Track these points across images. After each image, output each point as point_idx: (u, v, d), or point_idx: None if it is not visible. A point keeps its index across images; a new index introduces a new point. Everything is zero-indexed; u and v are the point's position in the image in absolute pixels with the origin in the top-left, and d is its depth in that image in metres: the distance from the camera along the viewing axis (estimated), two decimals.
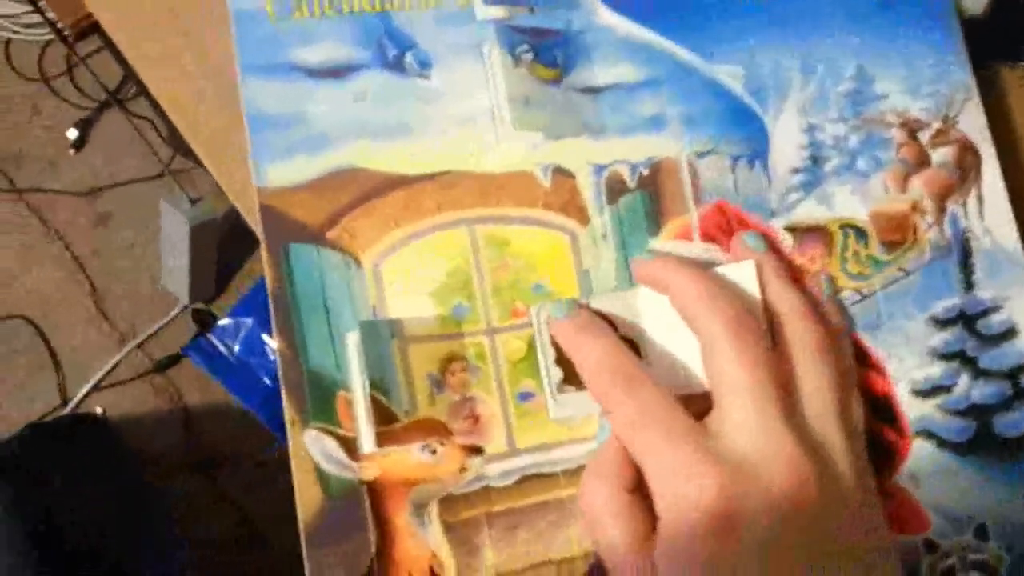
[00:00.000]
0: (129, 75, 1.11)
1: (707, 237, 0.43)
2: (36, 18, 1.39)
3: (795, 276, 0.43)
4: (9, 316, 1.38)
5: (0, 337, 1.38)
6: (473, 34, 0.43)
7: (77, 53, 0.89)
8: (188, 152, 1.22)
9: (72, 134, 1.41)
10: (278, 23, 0.41)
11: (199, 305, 1.37)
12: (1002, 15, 0.49)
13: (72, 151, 1.42)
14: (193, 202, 1.20)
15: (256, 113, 0.40)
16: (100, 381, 1.37)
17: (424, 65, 0.42)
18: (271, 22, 0.41)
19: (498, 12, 0.43)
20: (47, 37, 1.41)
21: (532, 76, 0.42)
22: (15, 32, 1.42)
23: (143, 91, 1.12)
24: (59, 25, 0.84)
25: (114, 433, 1.35)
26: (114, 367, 1.37)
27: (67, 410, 1.36)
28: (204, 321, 1.37)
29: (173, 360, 1.38)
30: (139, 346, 1.38)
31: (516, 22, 0.43)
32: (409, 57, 0.42)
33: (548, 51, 0.43)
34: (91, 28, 0.82)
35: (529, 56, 0.42)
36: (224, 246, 1.33)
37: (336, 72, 0.41)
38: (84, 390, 1.37)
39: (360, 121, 0.41)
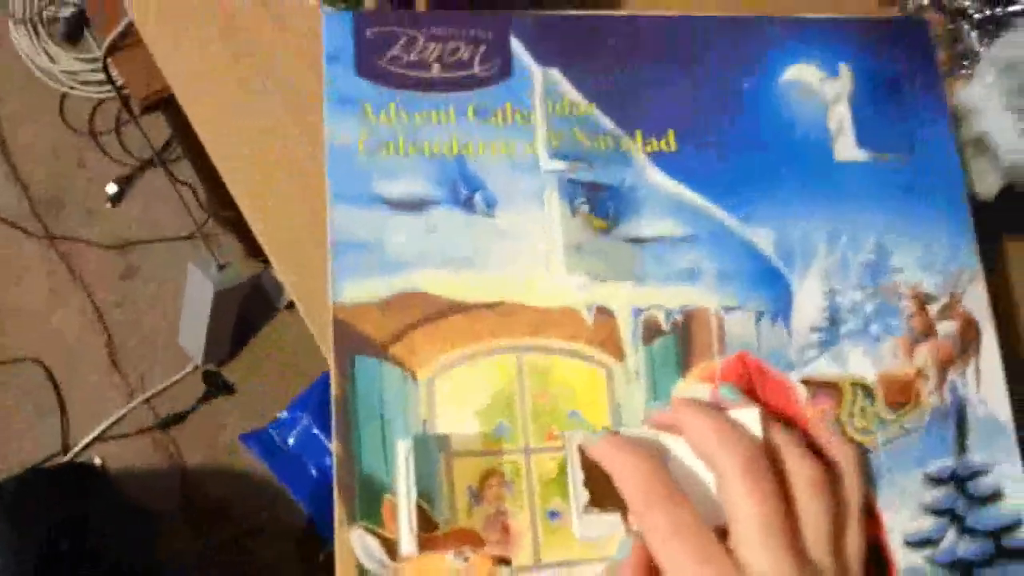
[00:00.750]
0: (180, 141, 1.17)
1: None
2: (93, 76, 1.47)
3: (803, 425, 0.47)
4: (24, 358, 1.41)
5: (12, 377, 1.40)
6: (536, 182, 0.48)
7: (132, 114, 0.95)
8: (222, 221, 1.27)
9: (111, 189, 1.47)
10: (367, 158, 0.46)
11: (211, 367, 1.40)
12: (1013, 199, 0.54)
13: (109, 205, 1.48)
14: (221, 267, 1.25)
15: (340, 236, 0.45)
16: (103, 432, 1.39)
17: (491, 205, 0.47)
18: (361, 157, 0.46)
19: (560, 165, 0.48)
20: (101, 95, 1.48)
21: (586, 225, 0.47)
22: (72, 88, 1.49)
23: (187, 157, 1.17)
24: (120, 86, 0.90)
25: (112, 485, 1.37)
26: (119, 419, 1.40)
27: (67, 457, 1.38)
28: (214, 383, 1.40)
29: (178, 418, 1.40)
30: (146, 401, 1.41)
31: (576, 175, 0.48)
32: (478, 197, 0.47)
33: (603, 204, 0.48)
34: (156, 104, 0.87)
35: (585, 208, 0.47)
36: (242, 311, 1.37)
37: (413, 205, 0.46)
38: (86, 440, 1.39)
39: (430, 251, 0.46)
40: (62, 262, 1.45)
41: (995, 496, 0.48)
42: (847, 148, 0.51)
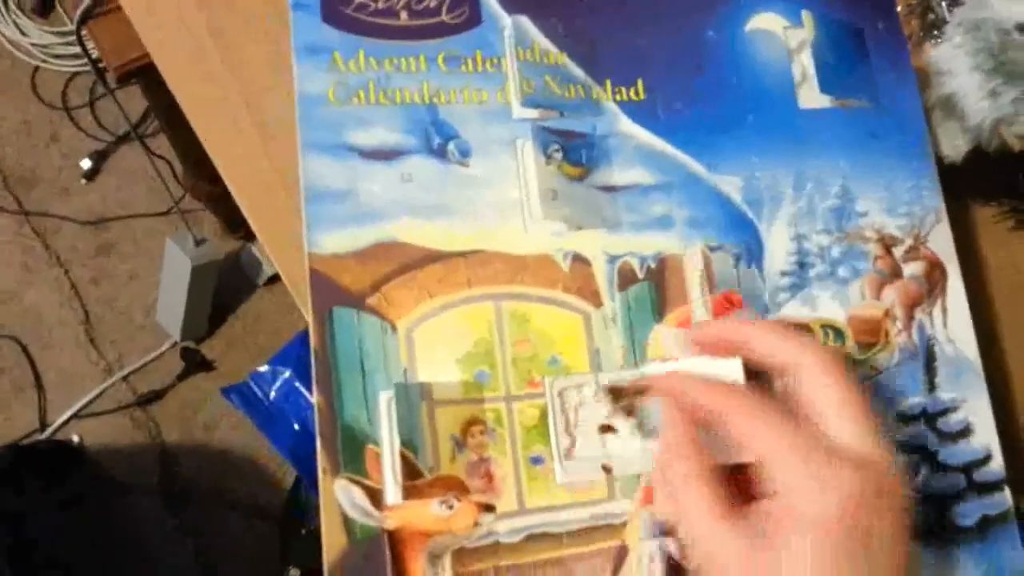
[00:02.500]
0: (157, 114, 1.16)
1: None
2: (66, 50, 1.44)
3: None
4: None
5: None
6: (510, 130, 0.48)
7: (108, 86, 0.93)
8: (201, 195, 1.26)
9: (86, 164, 1.45)
10: (338, 107, 0.46)
11: (189, 344, 1.40)
12: (979, 162, 0.55)
13: (84, 181, 1.46)
14: (198, 243, 1.24)
15: (313, 186, 0.45)
16: (81, 409, 1.39)
17: (464, 154, 0.47)
18: (332, 106, 0.46)
19: (532, 113, 0.48)
20: (74, 69, 1.46)
21: (560, 172, 0.48)
22: (44, 61, 1.47)
23: (164, 130, 1.16)
24: (96, 58, 0.88)
25: (90, 462, 1.36)
26: (97, 396, 1.39)
27: (44, 435, 1.37)
28: (192, 360, 1.39)
29: (157, 395, 1.40)
30: (124, 378, 1.40)
31: (548, 123, 0.48)
32: (451, 146, 0.47)
33: (575, 151, 0.48)
34: (133, 73, 0.86)
35: (559, 155, 0.48)
36: (221, 288, 1.37)
37: (386, 155, 0.46)
38: (64, 416, 1.38)
39: (405, 200, 0.46)
40: (37, 239, 1.43)
41: (965, 431, 0.49)
42: (811, 95, 0.52)
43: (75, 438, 1.39)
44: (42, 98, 1.49)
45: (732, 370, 0.43)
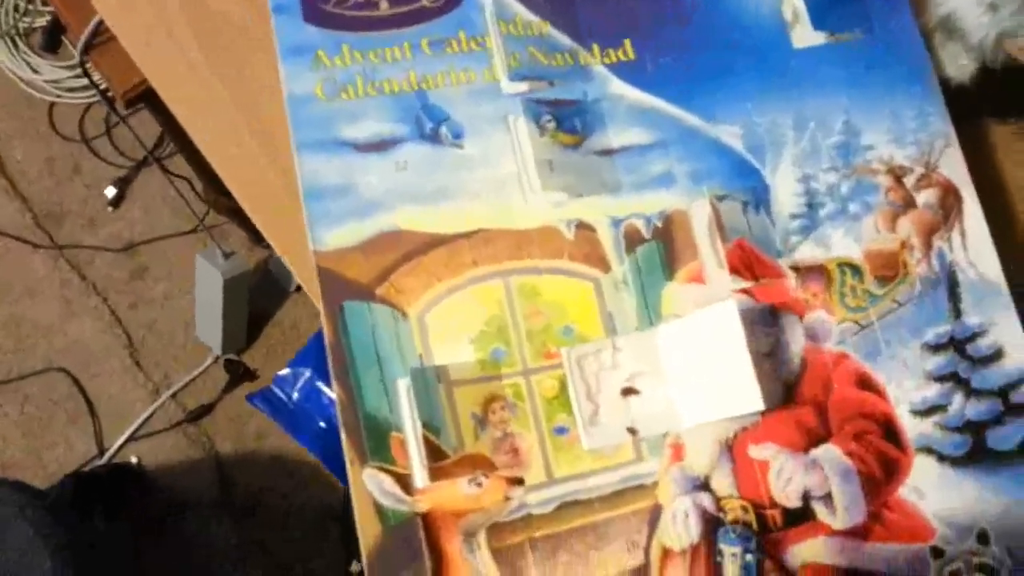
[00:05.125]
0: (170, 135, 1.18)
1: (733, 270, 0.48)
2: (77, 82, 1.47)
3: (799, 309, 0.47)
4: (49, 368, 1.43)
5: (40, 388, 1.43)
6: (500, 107, 0.48)
7: (119, 113, 0.95)
8: (223, 209, 1.27)
9: (110, 192, 1.48)
10: (327, 104, 0.46)
11: (231, 356, 1.42)
12: (990, 80, 0.54)
13: (110, 208, 1.49)
14: (227, 256, 1.25)
15: (310, 184, 0.45)
16: (135, 431, 1.42)
17: (457, 136, 0.47)
18: (321, 103, 0.46)
19: (522, 87, 0.48)
20: (88, 100, 1.48)
21: (555, 142, 0.48)
22: (58, 96, 1.50)
23: (180, 150, 1.18)
24: (103, 87, 0.90)
25: (150, 482, 1.40)
26: (149, 417, 1.42)
27: (103, 460, 1.41)
28: (235, 371, 1.42)
29: (206, 410, 1.42)
30: (173, 396, 1.43)
31: (538, 95, 0.48)
32: (444, 129, 0.47)
33: (568, 119, 0.48)
34: (139, 97, 0.87)
35: (551, 125, 0.48)
36: (254, 298, 1.38)
37: (380, 145, 0.46)
38: (120, 441, 1.41)
39: (403, 188, 0.46)
40: (72, 271, 1.46)
41: (997, 355, 0.48)
42: (805, 34, 0.51)
43: (133, 460, 1.42)
44: (60, 132, 1.52)
45: (727, 312, 0.42)
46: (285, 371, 0.96)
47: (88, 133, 1.51)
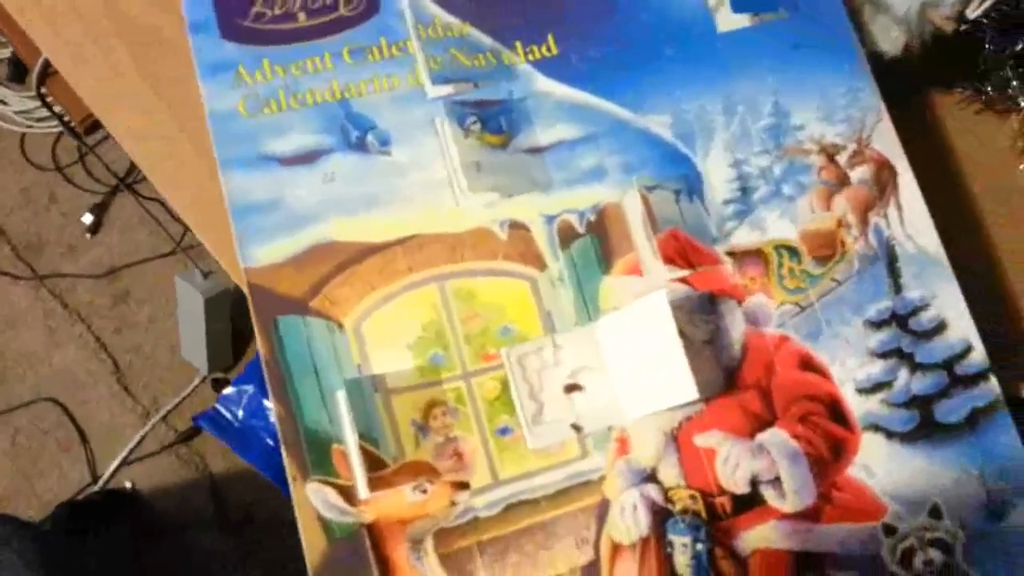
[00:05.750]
0: None
1: (668, 260, 0.47)
2: (46, 112, 1.47)
3: (737, 294, 0.47)
4: (37, 399, 1.43)
5: (29, 419, 1.43)
6: (427, 111, 0.48)
7: (86, 143, 0.95)
8: None
9: (87, 219, 1.48)
10: (250, 120, 0.46)
11: (218, 375, 1.42)
12: (930, 51, 0.53)
13: (88, 235, 1.49)
14: (206, 275, 1.26)
15: (238, 202, 0.45)
16: (128, 456, 1.42)
17: (385, 143, 0.47)
18: (244, 119, 0.46)
19: (446, 90, 0.48)
20: (58, 129, 1.49)
21: (481, 143, 0.47)
22: (29, 127, 1.50)
23: None
24: (67, 118, 0.90)
25: (146, 505, 1.40)
26: (140, 441, 1.42)
27: (97, 486, 1.41)
28: (223, 389, 1.42)
29: (197, 430, 1.42)
30: (163, 419, 1.43)
31: (462, 97, 0.48)
32: (371, 137, 0.47)
33: (493, 119, 0.48)
34: (98, 122, 0.87)
35: (477, 126, 0.47)
36: (236, 316, 1.38)
37: (306, 158, 0.46)
38: (113, 466, 1.41)
39: (332, 199, 0.46)
40: (55, 300, 1.47)
41: (939, 327, 0.48)
42: (728, 17, 0.51)
43: (128, 484, 1.43)
44: (34, 162, 1.52)
45: (657, 302, 0.42)
46: (230, 390, 0.96)
47: (61, 161, 1.51)
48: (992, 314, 0.50)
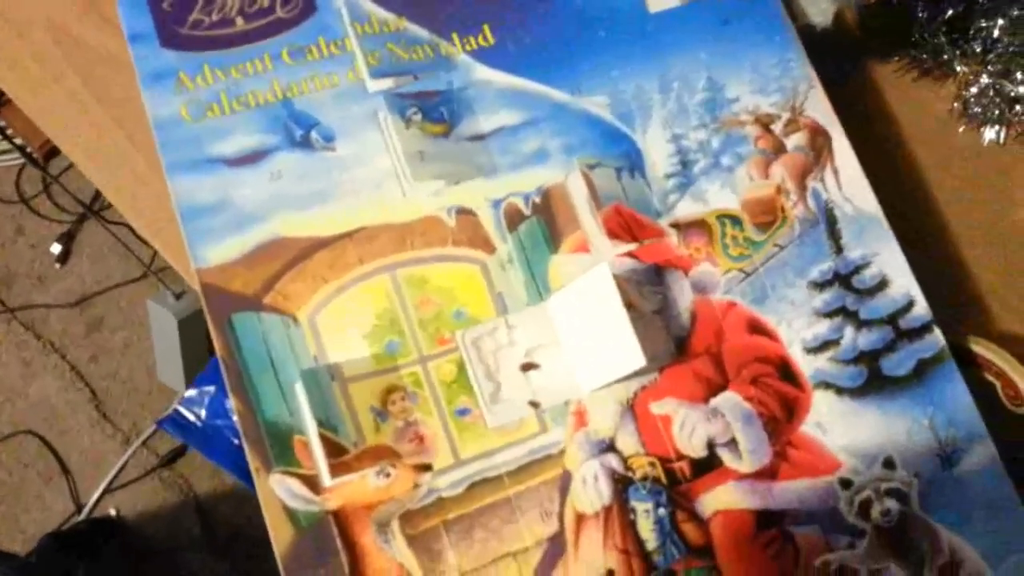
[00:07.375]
0: None
1: (612, 235, 0.48)
2: (6, 144, 1.47)
3: (684, 264, 0.48)
4: (16, 432, 1.43)
5: (10, 453, 1.42)
6: (368, 106, 0.49)
7: (49, 173, 0.95)
8: None
9: (56, 249, 1.48)
10: (194, 124, 0.47)
11: None
12: (868, 21, 0.55)
13: (58, 265, 1.49)
14: (178, 296, 1.26)
15: (186, 205, 0.46)
16: (111, 483, 1.41)
17: (328, 139, 0.48)
18: (188, 124, 0.47)
19: (386, 83, 0.49)
20: (20, 161, 1.49)
21: (423, 133, 0.48)
22: None
23: None
24: (28, 149, 0.90)
25: (132, 531, 1.39)
26: (123, 467, 1.42)
27: (82, 516, 1.40)
28: None
29: (179, 452, 1.42)
30: (144, 443, 1.42)
31: (403, 89, 0.49)
32: (314, 134, 0.48)
33: (434, 109, 0.49)
34: (56, 148, 0.88)
35: (418, 116, 0.48)
36: (209, 335, 1.39)
37: (251, 158, 0.47)
38: (96, 495, 1.41)
39: (279, 197, 0.47)
40: (28, 332, 1.46)
41: (882, 284, 0.49)
42: None
43: (112, 512, 1.42)
44: None
45: (601, 276, 0.43)
46: (192, 391, 0.96)
47: (26, 193, 1.51)
48: (937, 276, 0.51)
